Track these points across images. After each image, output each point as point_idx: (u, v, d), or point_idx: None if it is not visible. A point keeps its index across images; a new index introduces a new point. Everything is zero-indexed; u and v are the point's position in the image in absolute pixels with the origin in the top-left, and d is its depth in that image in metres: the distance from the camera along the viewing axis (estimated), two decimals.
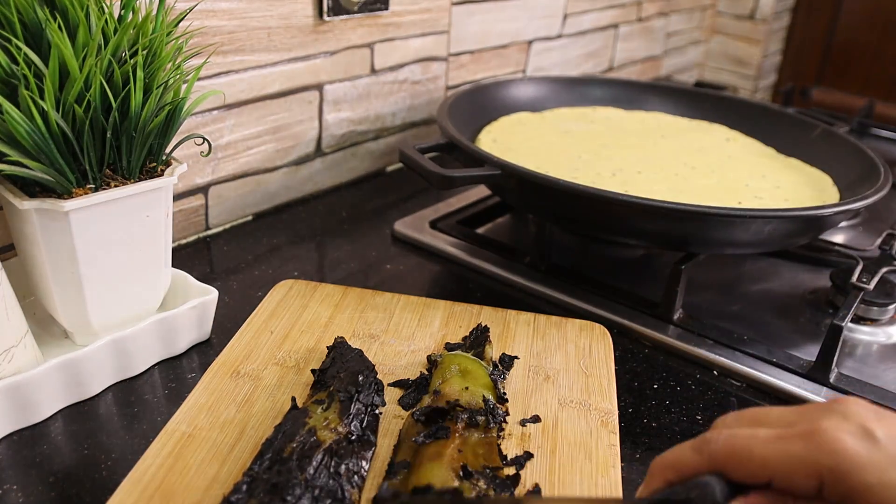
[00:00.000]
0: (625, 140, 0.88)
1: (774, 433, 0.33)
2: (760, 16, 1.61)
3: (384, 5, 0.85)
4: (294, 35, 0.77)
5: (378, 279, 0.71)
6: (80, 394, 0.52)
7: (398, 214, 0.82)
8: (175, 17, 0.54)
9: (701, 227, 0.62)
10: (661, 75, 1.54)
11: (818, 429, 0.32)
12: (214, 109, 0.73)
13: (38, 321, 0.58)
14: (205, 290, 0.59)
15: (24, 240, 0.52)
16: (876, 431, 0.32)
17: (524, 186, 0.66)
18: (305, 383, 0.52)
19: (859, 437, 0.31)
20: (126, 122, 0.50)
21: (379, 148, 0.94)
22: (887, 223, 0.85)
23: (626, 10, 1.33)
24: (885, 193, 0.67)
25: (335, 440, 0.44)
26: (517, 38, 1.10)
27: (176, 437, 0.46)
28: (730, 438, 0.34)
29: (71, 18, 0.47)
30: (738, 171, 0.81)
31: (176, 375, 0.55)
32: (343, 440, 0.44)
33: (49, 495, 0.44)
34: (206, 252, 0.74)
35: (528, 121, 0.91)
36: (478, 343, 0.55)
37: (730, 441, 0.34)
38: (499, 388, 0.51)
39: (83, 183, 0.50)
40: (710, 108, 0.97)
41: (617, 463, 0.47)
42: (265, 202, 0.82)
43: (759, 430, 0.34)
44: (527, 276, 0.71)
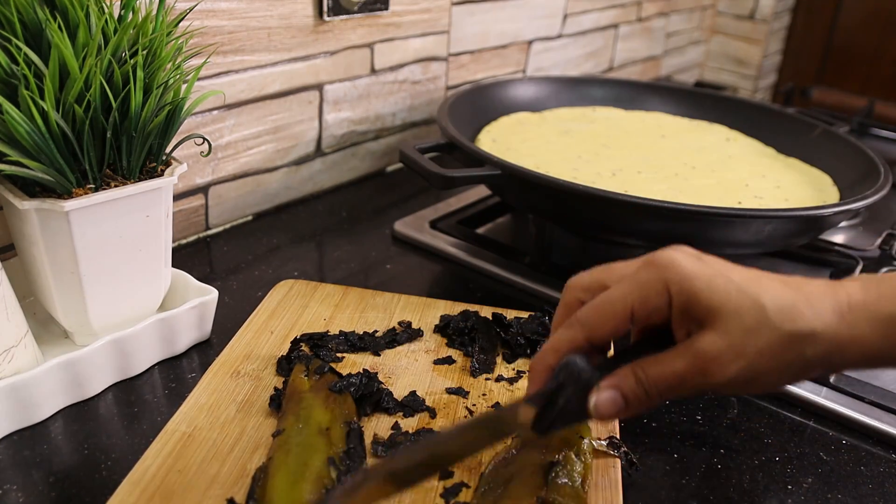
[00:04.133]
0: (625, 140, 0.88)
1: (624, 280, 0.40)
2: (760, 16, 1.61)
3: (384, 5, 0.85)
4: (294, 35, 0.77)
5: (378, 279, 0.71)
6: (80, 394, 0.52)
7: (398, 214, 0.82)
8: (175, 17, 0.54)
9: (701, 227, 0.62)
10: (661, 75, 1.54)
11: (656, 256, 0.39)
12: (214, 109, 0.73)
13: (38, 321, 0.58)
14: (205, 290, 0.59)
15: (24, 240, 0.52)
16: (702, 257, 0.39)
17: (524, 186, 0.66)
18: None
19: (689, 257, 0.39)
20: (126, 122, 0.50)
21: (379, 148, 0.94)
22: (887, 223, 0.85)
23: (626, 10, 1.33)
24: (885, 193, 0.67)
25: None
26: (517, 38, 1.10)
27: (176, 437, 0.46)
28: (590, 303, 0.40)
29: (71, 18, 0.47)
30: (738, 171, 0.81)
31: (176, 375, 0.55)
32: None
33: (49, 495, 0.44)
34: (206, 252, 0.74)
35: (528, 121, 0.91)
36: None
37: (591, 304, 0.40)
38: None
39: (83, 183, 0.50)
40: (710, 108, 0.97)
41: (617, 463, 0.47)
42: (265, 202, 0.82)
43: (611, 288, 0.40)
44: (527, 276, 0.71)
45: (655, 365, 0.38)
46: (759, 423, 0.55)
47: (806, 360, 0.38)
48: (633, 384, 0.38)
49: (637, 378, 0.38)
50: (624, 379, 0.39)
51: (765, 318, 0.37)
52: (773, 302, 0.37)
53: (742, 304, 0.37)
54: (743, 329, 0.37)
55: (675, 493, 0.48)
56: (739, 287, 0.38)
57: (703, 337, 0.37)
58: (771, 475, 0.50)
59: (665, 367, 0.38)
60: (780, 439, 0.53)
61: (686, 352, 0.38)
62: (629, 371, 0.39)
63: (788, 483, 0.49)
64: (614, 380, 0.39)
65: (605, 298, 0.39)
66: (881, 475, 0.51)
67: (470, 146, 0.69)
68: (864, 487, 0.49)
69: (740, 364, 0.37)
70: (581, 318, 0.40)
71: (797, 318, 0.37)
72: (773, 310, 0.37)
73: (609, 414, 0.39)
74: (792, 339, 0.37)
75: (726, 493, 0.48)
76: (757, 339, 0.37)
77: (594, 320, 0.39)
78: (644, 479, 0.48)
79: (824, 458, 0.52)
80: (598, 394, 0.39)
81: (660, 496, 0.47)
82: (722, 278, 0.38)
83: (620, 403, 0.39)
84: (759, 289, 0.38)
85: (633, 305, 0.38)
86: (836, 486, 0.49)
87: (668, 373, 0.38)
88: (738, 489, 0.48)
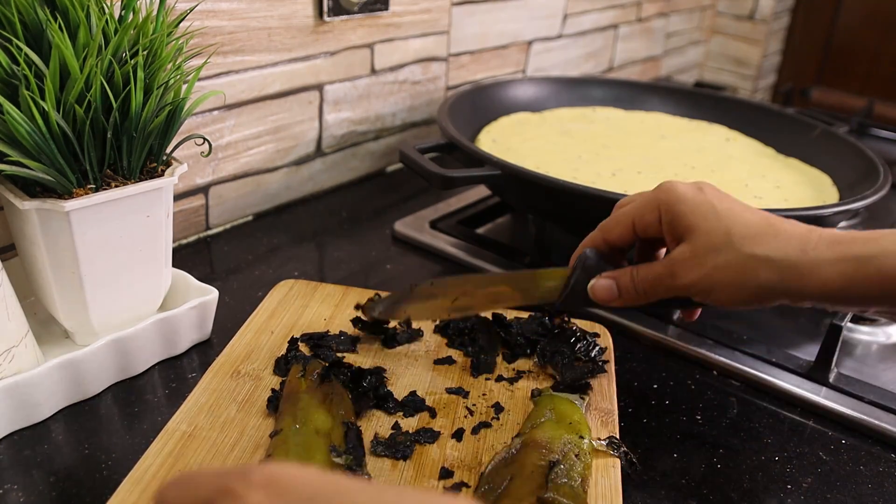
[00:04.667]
0: (625, 140, 0.88)
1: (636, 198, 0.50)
2: (760, 16, 1.61)
3: (384, 5, 0.85)
4: (294, 35, 0.77)
5: (378, 279, 0.71)
6: (80, 393, 0.52)
7: (398, 214, 0.82)
8: (175, 17, 0.54)
9: None
10: (661, 75, 1.54)
11: (663, 183, 0.48)
12: (215, 110, 0.73)
13: (38, 321, 0.58)
14: (205, 290, 0.59)
15: (24, 240, 0.52)
16: (705, 189, 0.47)
17: (524, 186, 0.66)
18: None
19: (691, 188, 0.47)
20: (126, 123, 0.50)
21: (379, 148, 0.94)
22: (887, 223, 0.85)
23: (626, 11, 1.33)
24: (884, 193, 0.67)
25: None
26: (517, 38, 1.10)
27: (176, 436, 0.46)
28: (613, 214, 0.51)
29: (71, 19, 0.47)
30: (738, 171, 0.81)
31: (176, 375, 0.55)
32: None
33: (50, 495, 0.44)
34: (206, 252, 0.74)
35: (528, 121, 0.91)
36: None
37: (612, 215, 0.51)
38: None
39: (84, 183, 0.50)
40: (710, 108, 0.97)
41: (617, 463, 0.47)
42: (265, 202, 0.82)
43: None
44: None
45: (646, 267, 0.48)
46: (759, 423, 0.55)
47: (759, 282, 0.44)
48: (627, 279, 0.49)
49: (631, 275, 0.48)
50: (621, 274, 0.49)
51: (728, 240, 0.44)
52: (740, 228, 0.45)
53: (714, 226, 0.45)
54: (708, 245, 0.45)
55: (675, 493, 0.48)
56: (718, 214, 0.45)
57: (679, 248, 0.47)
58: (771, 475, 0.50)
59: (651, 269, 0.48)
60: (780, 439, 0.53)
61: (666, 260, 0.47)
62: (627, 270, 0.49)
63: (788, 483, 0.49)
64: (614, 273, 0.50)
65: (620, 211, 0.50)
66: (881, 475, 0.51)
67: (470, 146, 0.69)
68: (864, 487, 0.49)
69: (700, 272, 0.45)
70: (602, 223, 0.51)
71: (758, 244, 0.44)
72: (737, 234, 0.44)
73: (602, 297, 0.49)
74: (747, 260, 0.44)
75: (726, 493, 0.48)
76: (717, 256, 0.45)
77: (607, 225, 0.51)
78: (644, 479, 0.49)
79: (824, 457, 0.52)
80: (598, 279, 0.50)
81: (660, 496, 0.47)
82: (707, 205, 0.46)
83: (614, 291, 0.49)
84: (735, 218, 0.45)
85: (634, 218, 0.49)
86: (835, 485, 0.49)
87: (651, 273, 0.48)
88: (738, 489, 0.48)
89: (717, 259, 0.44)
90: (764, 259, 0.44)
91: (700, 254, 0.45)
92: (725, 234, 0.44)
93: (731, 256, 0.44)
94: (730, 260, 0.44)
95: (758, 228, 0.44)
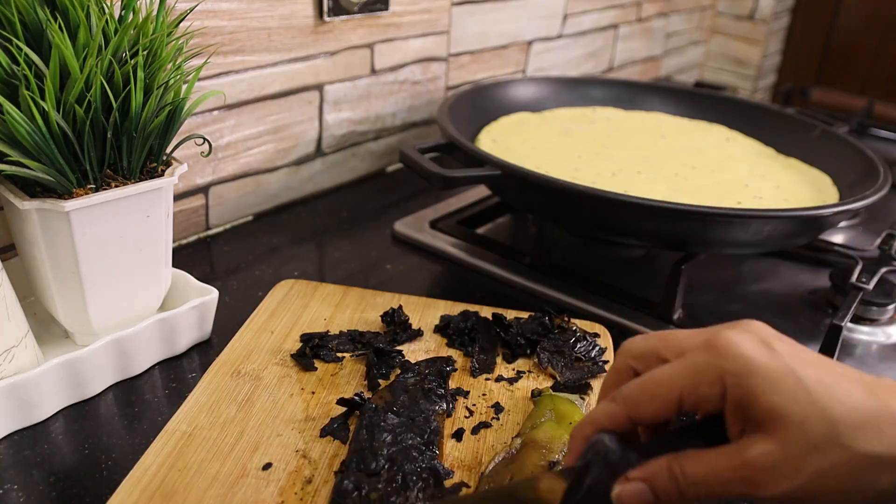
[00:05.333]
0: (625, 140, 0.88)
1: (679, 360, 0.35)
2: (760, 16, 1.61)
3: (384, 6, 0.85)
4: (294, 35, 0.77)
5: (378, 279, 0.71)
6: (80, 394, 0.52)
7: (398, 214, 0.82)
8: (175, 17, 0.54)
9: (701, 227, 0.62)
10: (661, 75, 1.54)
11: (720, 338, 0.34)
12: (215, 110, 0.73)
13: (38, 321, 0.58)
14: (205, 290, 0.59)
15: (24, 240, 0.52)
16: (774, 344, 0.34)
17: (524, 186, 0.66)
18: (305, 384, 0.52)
19: (758, 346, 0.34)
20: (126, 123, 0.50)
21: (379, 148, 0.94)
22: (887, 223, 0.85)
23: (626, 11, 1.33)
24: (884, 193, 0.67)
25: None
26: (517, 38, 1.10)
27: (176, 436, 0.46)
28: (637, 380, 0.36)
29: (72, 19, 0.47)
30: (738, 171, 0.81)
31: (176, 375, 0.55)
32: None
33: (50, 495, 0.44)
34: (206, 252, 0.74)
35: (528, 121, 0.91)
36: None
37: (638, 380, 0.36)
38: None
39: (84, 183, 0.50)
40: (710, 108, 0.97)
41: None
42: (265, 202, 0.82)
43: (662, 366, 0.36)
44: (527, 276, 0.71)
45: (696, 462, 0.34)
46: None
47: (879, 488, 0.33)
48: (665, 480, 0.34)
49: (672, 473, 0.34)
50: (657, 472, 0.34)
51: (834, 435, 0.32)
52: (847, 415, 0.32)
53: (810, 414, 0.32)
54: (806, 443, 0.32)
55: None
56: (810, 392, 0.33)
57: (757, 443, 0.33)
58: None
59: (707, 467, 0.34)
60: None
61: (735, 455, 0.33)
62: (665, 464, 0.34)
63: None
64: (646, 471, 0.34)
65: (653, 377, 0.36)
66: None
67: (470, 146, 0.69)
68: None
69: (796, 482, 0.32)
70: (625, 394, 0.36)
71: (875, 438, 0.32)
72: (845, 425, 0.32)
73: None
74: (864, 463, 0.32)
75: None
76: (821, 458, 0.32)
77: (637, 398, 0.36)
78: None
79: None
80: (624, 484, 0.35)
81: None
82: (791, 378, 0.33)
83: (649, 498, 0.34)
84: (834, 397, 0.33)
85: (682, 391, 0.35)
86: None
87: (709, 475, 0.34)
88: None
89: (822, 462, 0.32)
90: (887, 458, 0.32)
91: (794, 455, 0.32)
92: (829, 425, 0.32)
93: (840, 458, 0.32)
94: (838, 462, 0.32)
95: (869, 413, 0.33)
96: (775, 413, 0.33)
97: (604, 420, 0.36)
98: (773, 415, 0.33)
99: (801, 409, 0.32)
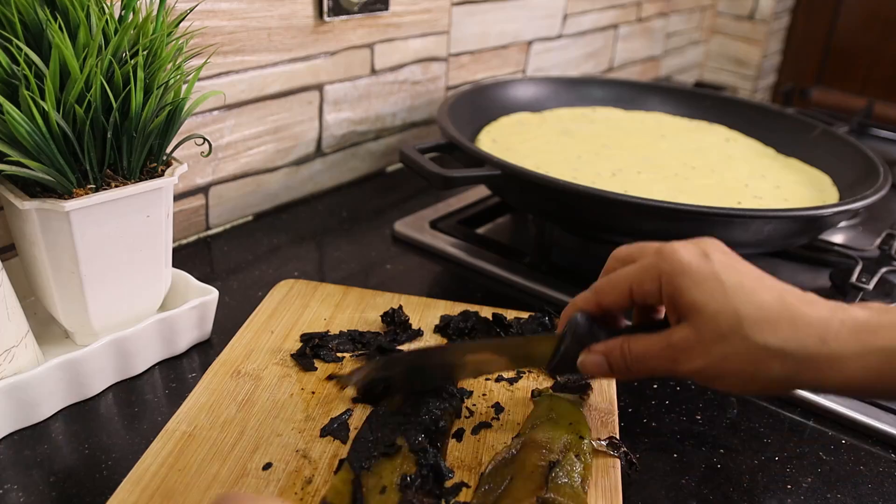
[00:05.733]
0: (625, 140, 0.88)
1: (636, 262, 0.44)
2: (760, 16, 1.61)
3: (384, 6, 0.85)
4: (294, 35, 0.77)
5: (378, 279, 0.71)
6: (80, 394, 0.52)
7: (398, 214, 0.82)
8: (175, 17, 0.54)
9: (700, 227, 0.62)
10: (661, 75, 1.54)
11: (666, 247, 0.42)
12: (215, 110, 0.73)
13: (38, 321, 0.58)
14: (205, 290, 0.59)
15: (24, 240, 0.52)
16: (712, 255, 0.41)
17: (524, 186, 0.66)
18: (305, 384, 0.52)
19: (695, 255, 0.41)
20: (126, 123, 0.50)
21: (379, 148, 0.94)
22: (887, 223, 0.85)
23: (626, 11, 1.33)
24: (884, 193, 0.67)
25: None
26: (517, 38, 1.10)
27: (176, 436, 0.46)
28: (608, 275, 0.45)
29: (72, 19, 0.47)
30: (738, 171, 0.81)
31: (176, 375, 0.55)
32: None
33: (50, 495, 0.44)
34: (206, 252, 0.74)
35: (528, 121, 0.91)
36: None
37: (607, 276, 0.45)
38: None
39: (84, 183, 0.50)
40: (710, 108, 0.97)
41: (617, 463, 0.47)
42: (266, 202, 0.82)
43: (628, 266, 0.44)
44: (527, 276, 0.71)
45: (639, 343, 0.43)
46: (758, 423, 0.55)
47: (772, 375, 0.40)
48: (618, 355, 0.44)
49: (622, 349, 0.43)
50: (612, 348, 0.44)
51: (738, 327, 0.39)
52: (752, 313, 0.39)
53: (721, 309, 0.40)
54: (714, 330, 0.40)
55: (675, 493, 0.48)
56: (726, 292, 0.40)
57: (679, 328, 0.41)
58: (771, 475, 0.50)
59: (645, 345, 0.43)
60: (780, 439, 0.53)
61: (664, 338, 0.42)
62: (618, 342, 0.44)
63: (788, 483, 0.49)
64: (604, 346, 0.44)
65: (616, 274, 0.45)
66: (880, 475, 0.51)
67: (470, 146, 0.69)
68: (864, 487, 0.49)
69: (704, 361, 0.40)
70: (596, 286, 0.45)
71: (771, 333, 0.39)
72: (749, 321, 0.39)
73: (592, 373, 0.45)
74: (759, 351, 0.39)
75: (726, 493, 0.48)
76: (724, 345, 0.40)
77: (603, 288, 0.45)
78: (644, 479, 0.49)
79: (824, 457, 0.52)
80: (587, 353, 0.45)
81: (660, 496, 0.47)
82: (714, 281, 0.40)
83: (605, 367, 0.44)
84: (745, 298, 0.40)
85: (631, 284, 0.43)
86: (835, 485, 0.49)
87: (646, 352, 0.43)
88: (738, 489, 0.48)
89: (725, 348, 0.39)
90: (778, 351, 0.39)
91: (705, 340, 0.40)
92: (734, 319, 0.39)
93: (740, 346, 0.39)
94: (739, 350, 0.39)
95: (771, 312, 0.39)
96: (695, 306, 0.40)
97: (581, 303, 0.46)
98: (694, 308, 0.40)
99: (716, 304, 0.40)
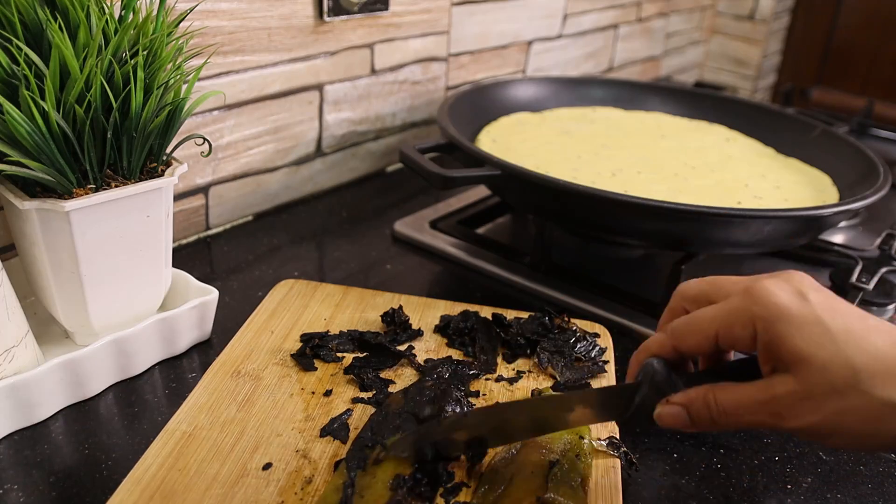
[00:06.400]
0: (625, 140, 0.88)
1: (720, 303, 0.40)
2: (760, 16, 1.61)
3: (384, 6, 0.85)
4: (294, 35, 0.77)
5: (378, 279, 0.71)
6: (80, 394, 0.52)
7: (398, 214, 0.82)
8: (176, 17, 0.54)
9: (701, 227, 0.62)
10: (661, 75, 1.54)
11: (757, 286, 0.38)
12: (215, 110, 0.73)
13: (38, 321, 0.58)
14: (205, 290, 0.59)
15: (24, 240, 0.52)
16: (808, 294, 0.37)
17: (524, 186, 0.66)
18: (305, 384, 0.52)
19: (791, 295, 0.37)
20: (126, 123, 0.50)
21: (379, 148, 0.94)
22: (887, 223, 0.85)
23: (626, 11, 1.33)
24: (884, 193, 0.67)
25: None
26: (517, 38, 1.10)
27: (176, 436, 0.46)
28: (685, 316, 0.41)
29: (72, 19, 0.47)
30: (738, 171, 0.81)
31: (176, 375, 0.55)
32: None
33: (49, 495, 0.44)
34: (206, 252, 0.74)
35: (527, 121, 0.91)
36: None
37: (686, 317, 0.41)
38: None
39: (84, 183, 0.50)
40: (710, 108, 0.97)
41: (617, 463, 0.47)
42: (266, 202, 0.82)
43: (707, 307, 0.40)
44: (527, 276, 0.71)
45: (729, 393, 0.38)
46: None
47: (895, 433, 0.35)
48: (701, 406, 0.39)
49: (706, 401, 0.39)
50: (694, 399, 0.39)
51: (855, 381, 0.35)
52: (868, 363, 0.35)
53: (832, 359, 0.35)
54: (827, 386, 0.35)
55: (674, 493, 0.48)
56: (835, 339, 0.35)
57: (780, 379, 0.37)
58: (771, 475, 0.50)
59: (738, 398, 0.38)
60: (780, 439, 0.53)
61: (762, 390, 0.37)
62: (702, 392, 0.39)
63: (788, 483, 0.49)
64: (685, 397, 0.40)
65: (696, 315, 0.40)
66: (880, 475, 0.51)
67: (470, 146, 0.69)
68: (864, 487, 0.49)
69: (815, 418, 0.36)
70: (673, 327, 0.41)
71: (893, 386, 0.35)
72: (866, 373, 0.35)
73: (671, 426, 0.40)
74: (882, 408, 0.35)
75: (726, 493, 0.48)
76: (840, 400, 0.35)
77: (681, 332, 0.41)
78: (644, 479, 0.49)
79: (823, 457, 0.52)
80: (665, 405, 0.40)
81: (660, 496, 0.47)
82: (818, 327, 0.36)
83: (685, 420, 0.39)
84: (859, 345, 0.35)
85: (718, 330, 0.39)
86: (835, 485, 0.49)
87: (738, 404, 0.38)
88: (738, 489, 0.48)
89: (841, 403, 0.35)
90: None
91: (816, 395, 0.35)
92: (849, 371, 0.35)
93: (858, 402, 0.35)
94: (857, 406, 0.35)
95: (889, 362, 0.35)
96: (800, 356, 0.36)
97: (654, 347, 0.42)
98: (799, 358, 0.36)
99: (825, 354, 0.35)
